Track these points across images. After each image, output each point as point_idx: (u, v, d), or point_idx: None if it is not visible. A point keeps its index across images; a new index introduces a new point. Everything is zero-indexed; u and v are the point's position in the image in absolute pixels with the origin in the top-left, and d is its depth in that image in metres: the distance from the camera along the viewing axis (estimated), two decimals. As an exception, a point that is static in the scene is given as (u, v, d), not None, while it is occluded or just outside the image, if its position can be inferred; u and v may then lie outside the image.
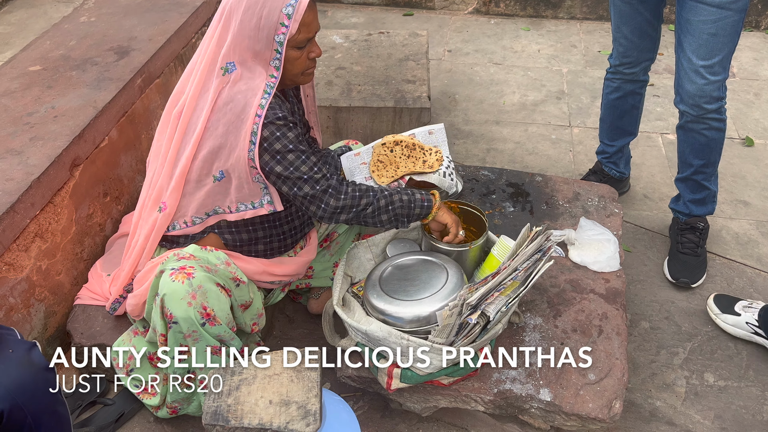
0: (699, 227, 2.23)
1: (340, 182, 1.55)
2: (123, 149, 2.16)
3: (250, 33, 1.44)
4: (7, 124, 1.93)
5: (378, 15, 3.90)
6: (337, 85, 2.60)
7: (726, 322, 2.01)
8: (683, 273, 2.19)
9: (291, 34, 1.45)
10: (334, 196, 1.53)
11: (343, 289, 1.68)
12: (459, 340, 1.45)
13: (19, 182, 1.71)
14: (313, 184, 1.51)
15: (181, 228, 1.61)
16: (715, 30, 1.85)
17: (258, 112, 1.46)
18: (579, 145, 2.86)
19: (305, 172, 1.50)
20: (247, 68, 1.48)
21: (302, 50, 1.50)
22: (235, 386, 1.21)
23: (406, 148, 1.75)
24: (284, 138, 1.48)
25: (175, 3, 2.68)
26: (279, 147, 1.48)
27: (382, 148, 1.76)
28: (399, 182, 1.75)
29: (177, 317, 1.45)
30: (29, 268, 1.73)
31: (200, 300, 1.45)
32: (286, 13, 1.43)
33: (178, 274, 1.45)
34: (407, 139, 1.76)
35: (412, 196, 1.60)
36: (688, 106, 2.00)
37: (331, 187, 1.53)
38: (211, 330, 1.48)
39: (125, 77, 2.18)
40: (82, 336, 1.77)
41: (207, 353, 1.51)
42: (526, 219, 2.05)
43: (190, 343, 1.49)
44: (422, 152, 1.75)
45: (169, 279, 1.45)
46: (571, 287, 1.84)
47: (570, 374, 1.61)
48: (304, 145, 1.52)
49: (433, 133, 1.78)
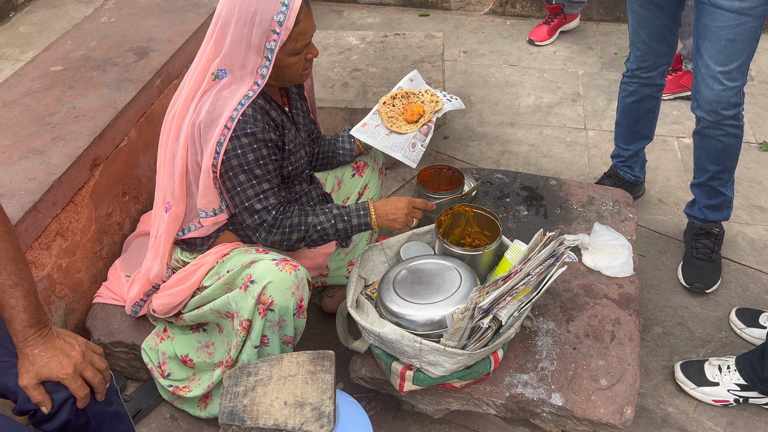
0: (714, 232, 2.22)
1: (275, 218, 1.55)
2: (142, 149, 2.19)
3: (242, 40, 1.45)
4: (29, 124, 1.97)
5: (394, 15, 3.91)
6: (352, 87, 2.62)
7: (752, 335, 1.98)
8: (697, 278, 2.17)
9: (282, 41, 1.45)
10: (267, 230, 1.55)
11: (357, 291, 1.69)
12: (471, 343, 1.46)
13: (42, 182, 1.75)
14: (252, 214, 1.54)
15: (196, 228, 1.63)
16: (734, 36, 1.84)
17: (227, 124, 1.47)
18: (594, 148, 2.86)
19: (249, 197, 1.52)
20: (234, 76, 1.50)
21: (299, 55, 1.52)
22: (251, 387, 1.23)
23: (403, 98, 1.93)
24: (243, 157, 1.49)
25: (193, 4, 2.71)
26: (235, 163, 1.49)
27: (384, 106, 1.91)
28: (428, 125, 1.87)
29: (277, 305, 1.51)
30: (50, 266, 1.77)
31: (301, 292, 1.53)
32: (278, 20, 1.43)
33: (283, 264, 1.51)
34: (399, 91, 1.95)
35: (348, 223, 1.61)
36: (705, 112, 1.98)
37: (266, 222, 1.54)
38: (297, 321, 1.57)
39: (144, 78, 2.21)
40: (100, 333, 1.80)
41: (281, 343, 1.60)
42: (540, 223, 2.05)
43: (273, 332, 1.56)
44: (415, 96, 1.93)
45: (275, 268, 1.50)
46: (584, 292, 1.84)
47: (582, 379, 1.62)
48: (262, 169, 1.52)
49: (413, 79, 1.99)
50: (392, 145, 1.83)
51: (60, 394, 1.17)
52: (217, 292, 1.60)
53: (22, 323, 1.16)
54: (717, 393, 1.84)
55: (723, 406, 1.85)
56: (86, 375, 1.19)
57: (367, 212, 1.62)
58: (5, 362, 1.20)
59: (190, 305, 1.66)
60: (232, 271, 1.56)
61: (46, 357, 1.16)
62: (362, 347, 1.63)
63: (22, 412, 1.19)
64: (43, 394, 1.15)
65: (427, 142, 1.85)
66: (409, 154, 1.83)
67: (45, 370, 1.16)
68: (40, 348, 1.17)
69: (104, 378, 1.23)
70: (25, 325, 1.16)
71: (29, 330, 1.16)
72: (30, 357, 1.16)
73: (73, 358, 1.18)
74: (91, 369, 1.20)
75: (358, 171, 1.96)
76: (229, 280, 1.57)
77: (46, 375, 1.16)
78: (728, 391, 1.83)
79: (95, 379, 1.20)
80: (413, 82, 1.99)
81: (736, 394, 1.83)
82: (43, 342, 1.17)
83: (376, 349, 1.60)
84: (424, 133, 1.86)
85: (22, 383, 1.15)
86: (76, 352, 1.20)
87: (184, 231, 1.64)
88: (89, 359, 1.21)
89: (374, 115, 1.91)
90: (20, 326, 1.16)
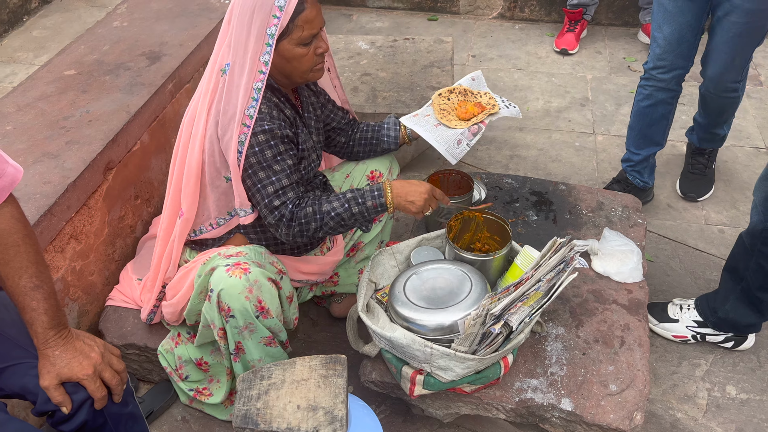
0: (708, 151, 2.59)
1: (292, 212, 1.54)
2: (154, 152, 2.22)
3: (243, 28, 1.46)
4: (44, 128, 2.00)
5: (402, 19, 3.92)
6: (362, 92, 2.63)
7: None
8: (691, 189, 2.58)
9: (282, 26, 1.44)
10: (286, 225, 1.54)
11: (367, 296, 1.70)
12: (482, 348, 1.47)
13: (56, 185, 1.77)
14: (272, 211, 1.54)
15: (207, 231, 1.65)
16: (742, 30, 2.04)
17: (246, 122, 1.48)
18: (603, 153, 2.86)
19: (269, 194, 1.52)
20: (237, 66, 1.48)
21: (308, 47, 1.51)
22: (264, 390, 1.25)
23: (460, 94, 1.89)
24: (260, 154, 1.50)
25: (204, 8, 2.74)
26: (253, 161, 1.50)
27: (439, 98, 1.88)
28: (479, 125, 1.82)
29: (234, 310, 1.51)
30: (64, 269, 1.79)
31: (256, 294, 1.51)
32: (278, 5, 1.43)
33: (234, 269, 1.51)
34: (458, 87, 1.91)
35: (363, 206, 1.57)
36: (708, 85, 2.27)
37: (284, 217, 1.53)
38: (265, 322, 1.55)
39: (157, 82, 2.23)
40: (113, 335, 1.82)
41: (261, 345, 1.58)
42: (549, 228, 2.06)
43: (245, 336, 1.56)
44: (473, 96, 1.89)
45: (225, 274, 1.50)
46: (594, 297, 1.85)
47: (591, 385, 1.62)
48: (280, 165, 1.52)
49: (475, 79, 1.95)
50: (438, 137, 1.79)
51: (79, 394, 1.19)
52: (196, 301, 1.62)
53: (43, 325, 1.18)
54: (676, 329, 2.02)
55: (682, 342, 2.02)
56: (105, 376, 1.21)
57: (382, 192, 1.58)
58: (25, 363, 1.22)
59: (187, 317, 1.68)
60: (200, 279, 1.57)
61: (66, 358, 1.18)
62: (373, 351, 1.65)
63: (41, 413, 1.21)
64: (64, 395, 1.17)
65: (473, 142, 1.80)
66: (452, 149, 1.78)
67: (66, 371, 1.17)
68: (61, 349, 1.18)
69: (121, 379, 1.25)
70: (46, 327, 1.18)
71: (50, 332, 1.18)
72: (51, 358, 1.18)
73: (93, 359, 1.20)
74: (109, 370, 1.22)
75: (372, 181, 1.94)
76: (200, 288, 1.58)
77: (66, 376, 1.17)
78: (686, 327, 2.00)
79: (113, 380, 1.22)
80: (475, 81, 1.94)
81: (693, 330, 2.00)
82: (63, 343, 1.19)
83: (386, 354, 1.61)
84: (474, 133, 1.81)
85: (43, 384, 1.17)
86: (96, 353, 1.21)
87: (195, 232, 1.66)
88: (108, 361, 1.23)
89: (428, 106, 1.89)
90: (41, 328, 1.18)
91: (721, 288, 1.94)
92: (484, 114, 1.83)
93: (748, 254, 1.80)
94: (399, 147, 1.91)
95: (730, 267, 1.91)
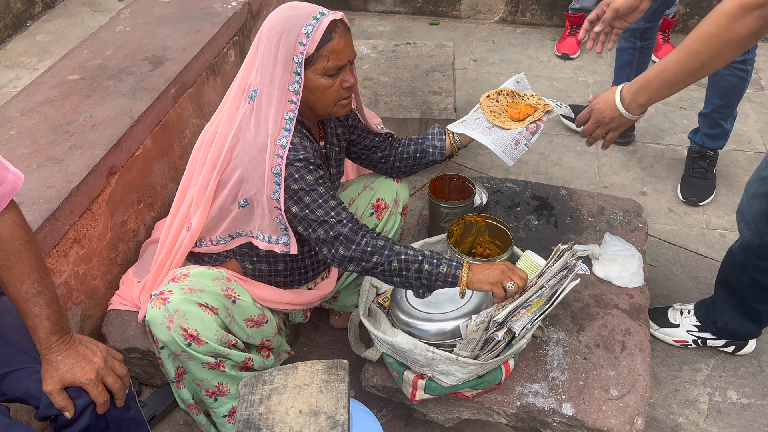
0: (708, 155, 2.62)
1: (355, 232, 1.46)
2: (157, 157, 2.22)
3: (270, 54, 1.42)
4: (48, 132, 2.01)
5: (404, 24, 3.93)
6: (364, 96, 2.64)
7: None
8: (692, 193, 2.59)
9: (308, 54, 1.40)
10: (345, 245, 1.45)
11: (369, 300, 1.71)
12: (484, 354, 1.48)
13: (60, 190, 1.78)
14: (327, 229, 1.45)
15: (206, 245, 1.65)
16: None
17: (279, 152, 1.43)
18: (604, 157, 2.87)
19: (320, 216, 1.45)
20: (266, 93, 1.44)
21: (333, 78, 1.45)
22: (266, 395, 1.25)
23: (508, 96, 1.83)
24: (302, 180, 1.45)
25: (207, 13, 2.75)
26: (296, 187, 1.45)
27: (488, 100, 1.81)
28: (537, 123, 1.74)
29: (162, 341, 1.50)
30: (68, 273, 1.80)
31: (178, 323, 1.47)
32: (306, 32, 1.38)
33: (156, 299, 1.49)
34: (505, 89, 1.85)
35: (436, 268, 1.44)
36: None
37: (342, 235, 1.45)
38: (199, 349, 1.50)
39: (160, 87, 2.24)
40: (116, 339, 1.82)
41: (206, 369, 1.54)
42: (550, 232, 2.07)
43: (184, 361, 1.54)
44: (520, 98, 1.83)
45: (149, 306, 1.50)
46: (595, 302, 1.85)
47: (592, 389, 1.63)
48: (323, 188, 1.47)
49: (519, 81, 1.89)
50: (493, 139, 1.71)
51: (82, 399, 1.19)
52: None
53: (45, 330, 1.18)
54: (677, 334, 2.02)
55: (683, 347, 2.02)
56: (107, 381, 1.22)
57: (460, 265, 1.45)
58: (28, 368, 1.23)
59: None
60: None
61: (69, 363, 1.19)
62: (374, 356, 1.65)
63: (43, 418, 1.22)
64: (66, 400, 1.18)
65: (532, 141, 1.73)
66: (509, 150, 1.71)
67: (68, 376, 1.18)
68: (64, 354, 1.19)
69: (124, 384, 1.25)
70: (49, 333, 1.19)
71: (52, 337, 1.19)
72: (54, 363, 1.18)
73: (95, 364, 1.21)
74: (112, 375, 1.23)
75: (378, 212, 1.88)
76: None
77: (69, 380, 1.18)
78: (687, 332, 2.00)
79: (116, 385, 1.23)
80: (519, 84, 1.88)
81: (694, 335, 1.99)
82: (66, 348, 1.20)
83: (388, 358, 1.61)
84: (532, 131, 1.73)
85: (46, 389, 1.18)
86: (98, 358, 1.22)
87: (196, 243, 1.66)
88: (110, 365, 1.24)
89: (476, 110, 1.81)
90: (44, 333, 1.18)
91: (717, 299, 1.94)
92: (541, 112, 1.75)
93: (740, 268, 1.81)
94: (446, 159, 1.82)
95: (722, 279, 1.92)
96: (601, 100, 1.55)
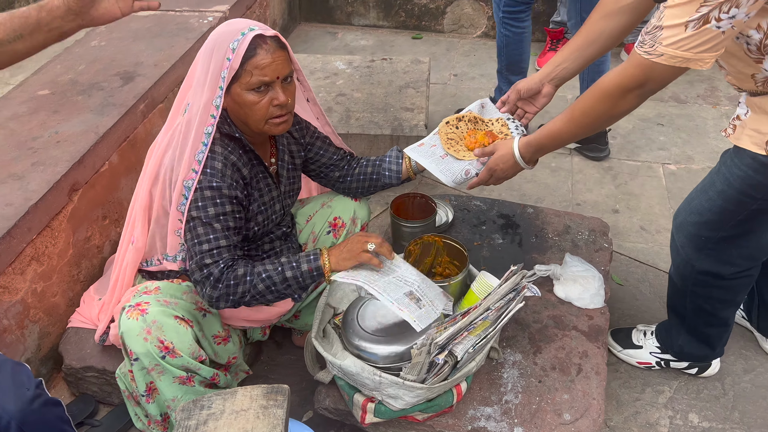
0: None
1: (222, 272, 1.46)
2: (124, 173, 2.23)
3: (204, 70, 1.45)
4: (11, 149, 2.01)
5: (387, 38, 3.94)
6: (336, 112, 2.64)
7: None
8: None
9: (233, 69, 1.40)
10: (212, 285, 1.46)
11: (324, 321, 1.70)
12: (430, 377, 1.47)
13: (18, 207, 1.78)
14: (201, 268, 1.47)
15: (155, 264, 1.65)
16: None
17: (195, 167, 1.45)
18: (578, 174, 2.86)
19: (202, 251, 1.46)
20: (195, 106, 1.47)
21: (261, 94, 1.44)
22: (202, 420, 1.25)
23: (470, 122, 1.80)
24: (203, 210, 1.46)
25: (182, 28, 2.76)
26: (194, 215, 1.46)
27: (447, 126, 1.80)
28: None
29: (137, 353, 1.49)
30: (24, 291, 1.80)
31: (156, 334, 1.47)
32: (232, 47, 1.40)
33: (132, 311, 1.49)
34: (467, 114, 1.82)
35: (298, 269, 1.48)
36: None
37: (212, 276, 1.46)
38: (173, 362, 1.50)
39: (128, 103, 2.25)
40: (72, 358, 1.82)
41: (176, 384, 1.54)
42: (514, 251, 2.06)
43: (155, 377, 1.53)
44: (483, 124, 1.81)
45: (125, 317, 1.49)
46: (554, 323, 1.84)
47: (545, 413, 1.61)
48: (221, 224, 1.47)
49: (484, 106, 1.87)
50: (443, 170, 1.71)
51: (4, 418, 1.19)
52: None
53: None
54: (640, 355, 2.00)
55: (647, 369, 2.00)
56: None
57: (318, 255, 1.50)
58: None
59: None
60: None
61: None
62: (326, 378, 1.64)
63: None
64: None
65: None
66: (459, 179, 1.71)
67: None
68: None
69: None
70: None
71: None
72: None
73: None
74: None
75: (335, 230, 1.88)
76: None
77: None
78: (650, 354, 1.98)
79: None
80: (484, 108, 1.85)
81: (657, 357, 1.97)
82: None
83: (339, 380, 1.61)
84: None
85: None
86: None
87: (147, 262, 1.66)
88: None
89: (434, 135, 1.79)
90: None
91: (672, 324, 1.93)
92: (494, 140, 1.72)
93: (682, 294, 1.81)
94: (402, 182, 1.82)
95: (671, 305, 1.92)
96: (500, 161, 1.67)
